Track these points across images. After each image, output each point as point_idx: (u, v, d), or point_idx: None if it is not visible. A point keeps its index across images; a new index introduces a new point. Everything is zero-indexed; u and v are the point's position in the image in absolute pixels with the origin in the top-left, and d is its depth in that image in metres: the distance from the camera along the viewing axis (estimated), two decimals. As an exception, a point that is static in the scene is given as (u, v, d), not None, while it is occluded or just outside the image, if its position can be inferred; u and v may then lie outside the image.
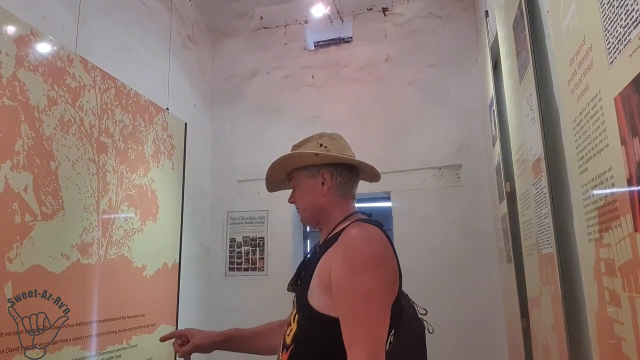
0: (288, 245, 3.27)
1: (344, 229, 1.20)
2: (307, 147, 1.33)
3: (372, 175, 1.38)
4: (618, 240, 0.78)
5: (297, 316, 1.18)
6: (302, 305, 1.16)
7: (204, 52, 3.65)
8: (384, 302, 1.07)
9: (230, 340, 1.46)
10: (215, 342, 1.44)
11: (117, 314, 2.16)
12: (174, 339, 1.47)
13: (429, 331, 1.24)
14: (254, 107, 3.57)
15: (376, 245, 1.11)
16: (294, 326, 1.18)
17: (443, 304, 2.84)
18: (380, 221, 1.24)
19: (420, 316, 1.25)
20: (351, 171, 1.33)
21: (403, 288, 1.20)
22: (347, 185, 1.32)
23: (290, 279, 1.35)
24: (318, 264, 1.18)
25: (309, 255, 1.40)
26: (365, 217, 1.28)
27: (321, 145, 1.31)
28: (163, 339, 1.50)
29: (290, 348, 1.16)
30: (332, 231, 1.27)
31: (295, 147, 1.37)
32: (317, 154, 1.27)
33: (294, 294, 1.29)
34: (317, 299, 1.12)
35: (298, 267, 1.37)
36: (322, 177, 1.29)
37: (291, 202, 1.38)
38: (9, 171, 1.66)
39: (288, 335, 1.19)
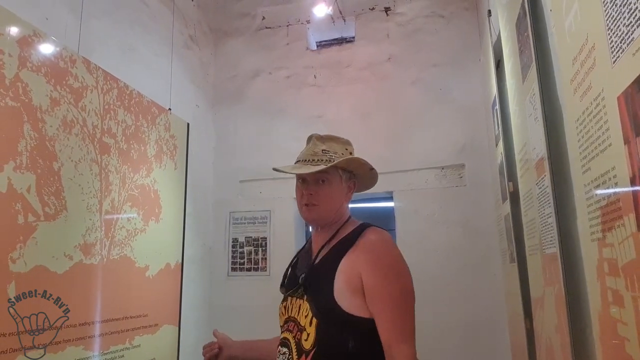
0: (290, 245, 3.27)
1: (353, 232, 1.28)
2: (335, 147, 1.36)
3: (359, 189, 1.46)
4: (621, 240, 0.78)
5: (314, 320, 1.19)
6: (328, 309, 1.18)
7: (207, 53, 3.66)
8: (414, 299, 1.22)
9: (252, 350, 1.49)
10: (242, 354, 1.47)
11: (120, 314, 2.17)
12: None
13: None
14: (256, 107, 3.57)
15: (397, 249, 1.26)
16: (311, 330, 1.19)
17: (446, 304, 2.84)
18: (373, 223, 1.34)
19: None
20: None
21: None
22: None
23: (283, 281, 1.37)
24: (340, 268, 1.21)
25: (297, 259, 1.42)
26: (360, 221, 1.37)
27: (351, 153, 1.38)
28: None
29: (312, 352, 1.17)
30: (336, 233, 1.31)
31: (321, 138, 1.37)
32: (371, 169, 1.36)
33: (294, 298, 1.29)
34: (347, 301, 1.18)
35: (292, 270, 1.38)
36: (351, 184, 1.38)
37: (309, 194, 1.31)
38: (12, 172, 1.66)
39: (305, 340, 1.19)
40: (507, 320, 2.65)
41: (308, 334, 1.19)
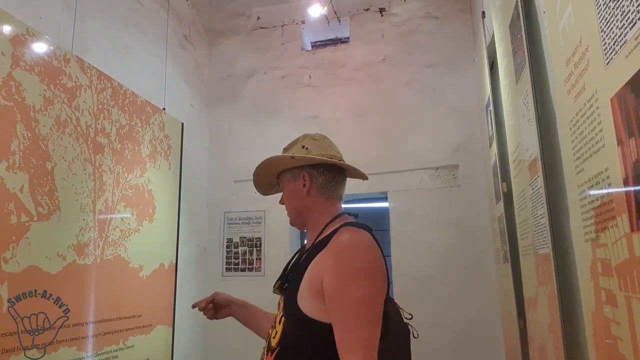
0: (285, 246, 3.27)
1: (333, 232, 1.19)
2: (293, 149, 1.33)
3: (359, 174, 1.37)
4: (614, 241, 0.79)
5: (283, 319, 1.18)
6: (291, 308, 1.15)
7: (201, 52, 3.65)
8: (376, 308, 1.09)
9: (246, 315, 1.56)
10: (237, 311, 1.57)
11: (114, 315, 2.16)
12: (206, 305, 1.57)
13: (413, 336, 1.23)
14: (251, 107, 3.57)
15: (367, 251, 1.12)
16: (279, 329, 1.18)
17: (440, 304, 2.84)
18: (367, 223, 1.23)
19: (405, 320, 1.24)
20: (334, 171, 1.31)
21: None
22: (329, 186, 1.30)
23: (276, 280, 1.34)
24: (308, 268, 1.16)
25: (295, 258, 1.39)
26: (352, 219, 1.27)
27: (303, 147, 1.30)
28: (195, 306, 1.59)
29: (276, 351, 1.15)
30: (319, 234, 1.26)
31: (285, 149, 1.37)
32: (292, 157, 1.27)
33: (280, 296, 1.28)
34: (307, 303, 1.12)
35: (284, 269, 1.36)
36: (303, 179, 1.29)
37: (281, 204, 1.41)
38: (5, 171, 1.65)
39: (274, 338, 1.19)
40: (501, 320, 2.66)
41: (276, 332, 1.19)
